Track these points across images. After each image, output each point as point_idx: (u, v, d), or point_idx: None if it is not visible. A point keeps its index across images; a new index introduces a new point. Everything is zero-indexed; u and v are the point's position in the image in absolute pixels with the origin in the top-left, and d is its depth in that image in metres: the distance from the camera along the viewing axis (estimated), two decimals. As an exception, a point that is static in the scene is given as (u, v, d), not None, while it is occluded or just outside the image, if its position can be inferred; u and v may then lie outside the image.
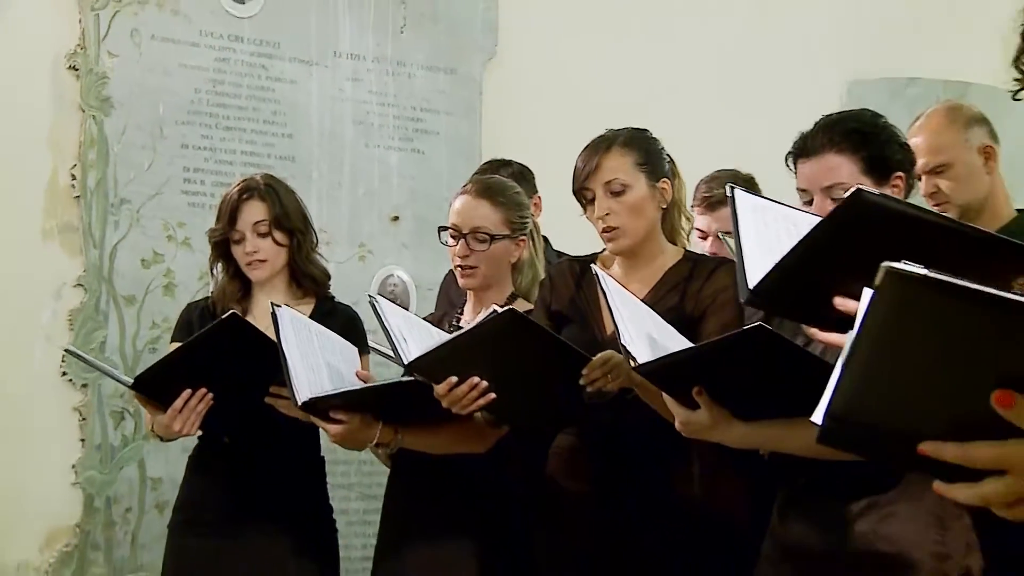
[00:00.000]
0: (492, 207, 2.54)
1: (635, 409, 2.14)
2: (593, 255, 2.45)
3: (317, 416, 2.33)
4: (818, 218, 1.55)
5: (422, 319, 2.55)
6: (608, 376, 2.10)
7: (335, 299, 2.76)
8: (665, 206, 2.37)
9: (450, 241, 2.57)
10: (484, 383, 2.13)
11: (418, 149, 4.11)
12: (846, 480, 1.86)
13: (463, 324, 2.56)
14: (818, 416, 0.98)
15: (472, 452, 2.42)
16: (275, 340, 2.30)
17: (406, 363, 2.15)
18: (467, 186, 2.64)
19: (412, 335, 2.23)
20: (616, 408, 2.20)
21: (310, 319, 2.52)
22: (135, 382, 2.45)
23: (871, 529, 1.87)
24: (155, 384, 2.45)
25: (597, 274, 2.04)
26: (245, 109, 3.83)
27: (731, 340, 1.74)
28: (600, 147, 2.33)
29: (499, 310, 2.07)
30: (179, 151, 3.71)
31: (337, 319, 2.63)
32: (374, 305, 2.27)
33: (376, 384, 2.43)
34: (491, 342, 2.10)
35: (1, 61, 3.51)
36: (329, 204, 3.91)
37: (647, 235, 2.33)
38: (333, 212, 3.92)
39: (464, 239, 2.52)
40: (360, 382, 2.41)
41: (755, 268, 1.54)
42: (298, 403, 2.27)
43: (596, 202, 2.31)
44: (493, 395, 2.14)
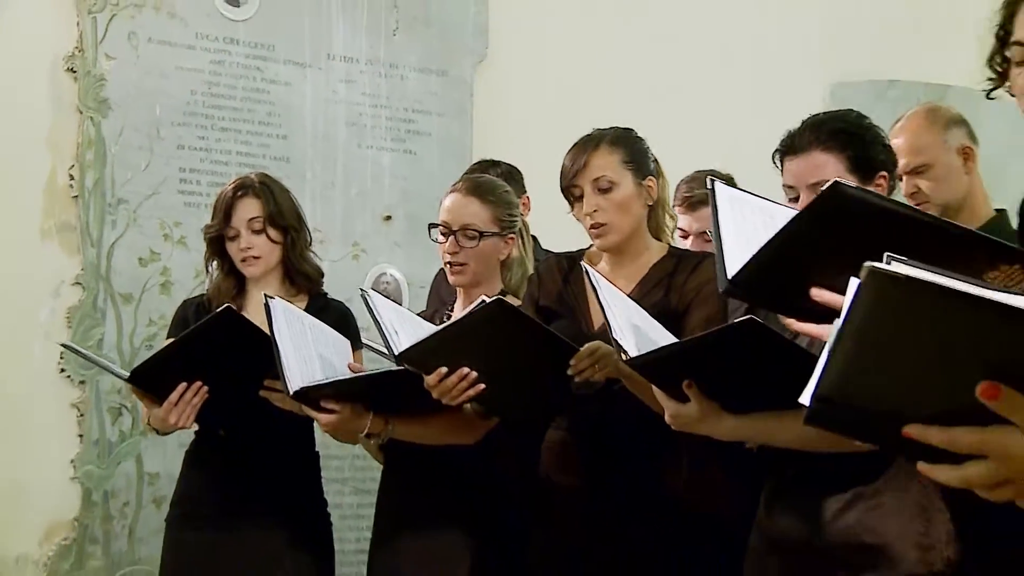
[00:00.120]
0: (481, 205, 2.55)
1: (623, 401, 2.15)
2: (580, 251, 2.46)
3: (309, 405, 2.33)
4: (795, 211, 1.54)
5: (414, 314, 2.54)
6: (595, 367, 2.11)
7: (328, 296, 2.76)
8: (651, 204, 2.38)
9: (440, 238, 2.57)
10: (474, 374, 2.14)
11: (410, 150, 4.12)
12: (832, 473, 1.88)
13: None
14: (806, 398, 0.99)
15: (462, 443, 2.43)
16: (269, 333, 2.30)
17: (397, 354, 2.15)
18: (457, 185, 2.64)
19: (403, 328, 2.24)
20: (604, 400, 2.21)
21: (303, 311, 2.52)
22: (131, 375, 2.46)
23: (857, 521, 1.88)
24: (151, 377, 2.46)
25: (586, 269, 2.05)
26: (240, 110, 3.84)
27: (722, 333, 1.75)
28: (588, 145, 2.34)
29: (488, 300, 2.06)
30: (175, 152, 3.71)
31: (330, 315, 2.62)
32: (366, 298, 2.28)
33: (367, 373, 2.44)
34: (480, 332, 2.10)
35: (1, 63, 3.53)
36: (323, 204, 3.92)
37: (633, 232, 2.34)
38: (327, 212, 3.93)
39: (453, 236, 2.53)
40: (352, 373, 2.42)
41: (734, 259, 1.54)
42: (290, 392, 2.27)
43: (584, 199, 2.32)
44: (483, 386, 2.15)
